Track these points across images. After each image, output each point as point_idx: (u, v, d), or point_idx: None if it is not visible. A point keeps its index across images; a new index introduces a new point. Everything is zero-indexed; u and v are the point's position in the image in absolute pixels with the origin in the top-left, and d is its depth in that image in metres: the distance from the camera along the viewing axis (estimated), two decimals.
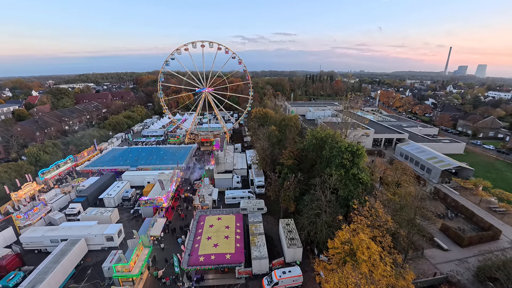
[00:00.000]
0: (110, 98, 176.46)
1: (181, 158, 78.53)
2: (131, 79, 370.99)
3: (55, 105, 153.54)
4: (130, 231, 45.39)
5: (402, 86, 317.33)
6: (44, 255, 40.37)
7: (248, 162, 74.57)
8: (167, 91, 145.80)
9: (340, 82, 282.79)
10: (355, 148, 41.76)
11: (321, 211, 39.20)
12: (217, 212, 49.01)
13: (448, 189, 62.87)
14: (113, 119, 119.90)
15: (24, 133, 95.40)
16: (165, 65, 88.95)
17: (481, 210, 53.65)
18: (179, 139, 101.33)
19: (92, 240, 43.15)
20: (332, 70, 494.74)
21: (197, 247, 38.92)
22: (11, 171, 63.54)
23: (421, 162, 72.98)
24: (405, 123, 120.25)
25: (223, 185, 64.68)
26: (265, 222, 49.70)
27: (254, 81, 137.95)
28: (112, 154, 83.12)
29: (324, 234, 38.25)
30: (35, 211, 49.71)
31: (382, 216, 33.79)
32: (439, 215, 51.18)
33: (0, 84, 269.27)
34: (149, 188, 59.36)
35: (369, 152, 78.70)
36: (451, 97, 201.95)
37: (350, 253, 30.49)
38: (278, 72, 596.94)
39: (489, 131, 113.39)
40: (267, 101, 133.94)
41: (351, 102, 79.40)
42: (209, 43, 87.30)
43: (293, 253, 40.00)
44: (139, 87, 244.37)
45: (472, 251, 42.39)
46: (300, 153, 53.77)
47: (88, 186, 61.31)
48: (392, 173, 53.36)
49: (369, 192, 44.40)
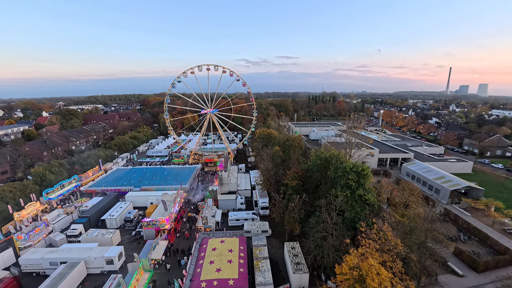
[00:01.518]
0: (117, 119, 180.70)
1: (185, 178, 78.35)
2: (138, 100, 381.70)
3: (63, 126, 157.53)
4: (131, 254, 44.21)
5: (404, 105, 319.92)
6: (43, 278, 39.18)
7: (252, 183, 73.91)
8: (173, 112, 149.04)
9: (343, 103, 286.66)
10: (360, 168, 41.26)
11: (328, 234, 37.98)
12: (220, 235, 47.79)
13: (459, 210, 60.83)
14: (119, 139, 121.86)
15: (31, 153, 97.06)
16: (172, 88, 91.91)
17: (495, 232, 51.37)
18: (183, 160, 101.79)
19: (91, 263, 42.04)
20: (334, 91, 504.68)
21: (199, 272, 37.54)
22: (16, 191, 63.84)
23: (428, 182, 71.45)
24: (409, 142, 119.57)
25: (227, 206, 63.66)
26: (270, 245, 48.09)
27: (257, 102, 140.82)
28: (117, 174, 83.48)
29: (331, 259, 36.74)
30: (36, 231, 49.16)
31: (391, 240, 32.48)
32: (451, 238, 49.08)
33: (12, 105, 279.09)
34: (152, 209, 58.67)
35: (375, 172, 77.63)
36: (455, 116, 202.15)
37: (359, 279, 28.95)
38: (281, 93, 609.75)
39: (496, 149, 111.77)
40: (270, 121, 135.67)
41: (355, 122, 79.80)
42: (214, 66, 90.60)
43: (299, 279, 38.18)
44: (145, 108, 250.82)
45: (489, 277, 40.04)
46: (304, 173, 53.26)
47: (91, 207, 60.92)
48: (400, 193, 52.06)
49: (376, 213, 43.18)
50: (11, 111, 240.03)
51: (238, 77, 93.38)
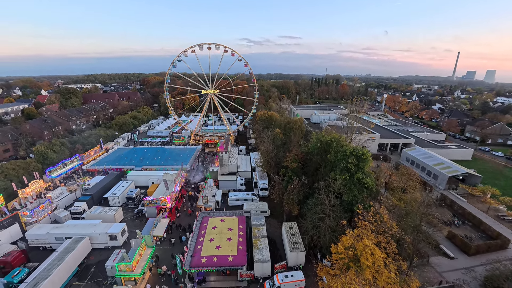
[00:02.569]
0: (117, 99, 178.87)
1: (186, 159, 78.90)
2: (138, 80, 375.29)
3: (63, 105, 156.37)
4: (133, 231, 45.67)
5: (408, 90, 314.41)
6: (49, 252, 40.82)
7: (252, 165, 74.52)
8: (173, 93, 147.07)
9: (346, 86, 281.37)
10: (360, 152, 41.34)
11: (325, 215, 38.84)
12: (220, 214, 48.96)
13: (455, 195, 61.75)
14: (120, 119, 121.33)
15: (32, 132, 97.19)
16: (172, 67, 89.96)
17: (489, 218, 52.50)
18: (184, 140, 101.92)
19: (96, 239, 43.51)
20: (338, 73, 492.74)
21: (200, 249, 38.90)
22: (19, 169, 64.67)
23: (427, 168, 71.94)
24: (411, 128, 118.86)
25: (227, 187, 64.68)
26: (268, 225, 49.45)
27: (259, 84, 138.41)
28: (118, 154, 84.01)
29: (328, 239, 37.87)
30: (41, 208, 50.43)
31: (387, 222, 33.29)
32: (446, 222, 50.18)
33: (11, 83, 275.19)
34: (153, 188, 59.72)
35: (375, 157, 77.95)
36: (459, 103, 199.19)
37: (353, 258, 30.05)
38: (284, 75, 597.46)
39: (498, 137, 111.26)
40: (272, 103, 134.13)
41: (357, 106, 78.77)
42: (216, 45, 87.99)
43: (295, 257, 39.66)
44: (145, 88, 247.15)
45: (479, 260, 41.49)
46: (304, 156, 53.50)
47: (93, 185, 61.97)
48: (398, 178, 52.63)
49: (374, 197, 43.84)
50: (9, 89, 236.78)
51: (240, 57, 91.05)
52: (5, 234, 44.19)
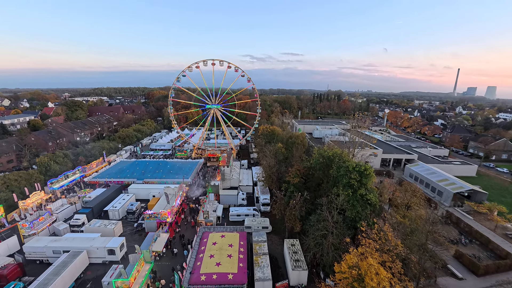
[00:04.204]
0: (121, 112, 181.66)
1: (187, 172, 78.73)
2: (143, 94, 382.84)
3: (69, 117, 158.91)
4: (132, 245, 44.76)
5: (410, 106, 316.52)
6: (46, 266, 39.99)
7: (254, 179, 74.05)
8: (177, 106, 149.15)
9: (348, 102, 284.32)
10: (363, 168, 41.07)
11: (328, 232, 38.02)
12: (221, 229, 48.09)
13: (461, 213, 60.40)
14: (123, 132, 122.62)
15: (37, 143, 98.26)
16: (176, 82, 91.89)
17: (497, 237, 51.00)
18: (186, 154, 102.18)
19: (94, 253, 42.69)
20: (339, 89, 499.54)
21: (199, 265, 37.93)
22: (21, 179, 64.80)
23: (431, 184, 70.94)
24: (414, 143, 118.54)
25: (228, 202, 63.98)
26: (270, 241, 48.39)
27: (262, 99, 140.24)
28: (120, 167, 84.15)
29: (331, 257, 36.82)
30: (40, 220, 49.99)
31: (391, 240, 32.44)
32: (452, 240, 48.89)
33: (19, 95, 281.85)
34: (154, 202, 59.23)
35: (378, 173, 77.24)
36: (461, 118, 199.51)
37: (358, 278, 29.03)
38: (286, 90, 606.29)
39: (502, 153, 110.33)
40: (274, 118, 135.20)
41: (359, 121, 79.17)
42: (220, 61, 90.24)
43: (298, 276, 38.43)
44: (150, 101, 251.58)
45: (489, 281, 39.91)
46: (306, 171, 53.17)
47: (94, 197, 61.68)
48: (402, 194, 51.82)
49: (377, 214, 43.06)
50: (17, 101, 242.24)
51: (243, 73, 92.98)
52: (3, 246, 43.67)
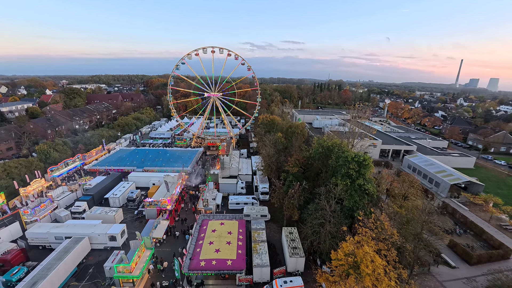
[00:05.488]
0: (120, 100, 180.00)
1: (187, 161, 78.99)
2: (141, 81, 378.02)
3: (67, 104, 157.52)
4: (133, 232, 45.61)
5: (411, 97, 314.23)
6: (48, 251, 40.86)
7: (253, 168, 74.48)
8: (176, 95, 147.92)
9: (349, 92, 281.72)
10: (361, 158, 41.26)
11: (325, 221, 38.66)
12: (220, 217, 48.82)
13: (457, 204, 61.29)
14: (122, 120, 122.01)
15: (36, 130, 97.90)
16: (176, 69, 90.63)
17: (491, 228, 52.03)
18: (185, 143, 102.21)
19: (95, 239, 43.48)
20: (340, 79, 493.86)
21: (199, 252, 38.75)
22: (21, 167, 65.03)
23: (429, 175, 71.55)
24: (413, 134, 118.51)
25: (227, 190, 64.62)
26: (268, 229, 49.25)
27: (262, 88, 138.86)
28: (120, 155, 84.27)
29: (328, 245, 37.63)
30: (42, 207, 50.54)
31: (387, 229, 33.04)
32: (447, 230, 49.79)
33: (16, 82, 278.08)
34: (154, 189, 59.76)
35: (376, 163, 77.68)
36: (461, 110, 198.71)
37: (353, 265, 29.78)
38: (287, 79, 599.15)
39: (500, 146, 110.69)
40: (274, 108, 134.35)
41: (359, 111, 78.86)
42: (219, 49, 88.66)
43: (295, 263, 39.39)
44: (149, 89, 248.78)
45: (481, 269, 40.97)
46: (305, 161, 53.44)
47: (94, 185, 62.16)
48: (399, 185, 52.35)
49: (375, 203, 43.62)
50: (14, 88, 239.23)
51: (243, 61, 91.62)
52: (6, 232, 44.36)
